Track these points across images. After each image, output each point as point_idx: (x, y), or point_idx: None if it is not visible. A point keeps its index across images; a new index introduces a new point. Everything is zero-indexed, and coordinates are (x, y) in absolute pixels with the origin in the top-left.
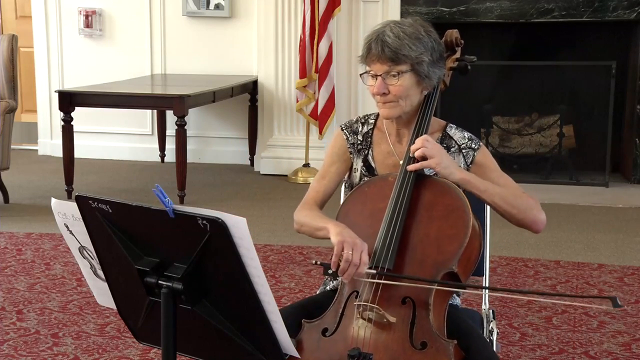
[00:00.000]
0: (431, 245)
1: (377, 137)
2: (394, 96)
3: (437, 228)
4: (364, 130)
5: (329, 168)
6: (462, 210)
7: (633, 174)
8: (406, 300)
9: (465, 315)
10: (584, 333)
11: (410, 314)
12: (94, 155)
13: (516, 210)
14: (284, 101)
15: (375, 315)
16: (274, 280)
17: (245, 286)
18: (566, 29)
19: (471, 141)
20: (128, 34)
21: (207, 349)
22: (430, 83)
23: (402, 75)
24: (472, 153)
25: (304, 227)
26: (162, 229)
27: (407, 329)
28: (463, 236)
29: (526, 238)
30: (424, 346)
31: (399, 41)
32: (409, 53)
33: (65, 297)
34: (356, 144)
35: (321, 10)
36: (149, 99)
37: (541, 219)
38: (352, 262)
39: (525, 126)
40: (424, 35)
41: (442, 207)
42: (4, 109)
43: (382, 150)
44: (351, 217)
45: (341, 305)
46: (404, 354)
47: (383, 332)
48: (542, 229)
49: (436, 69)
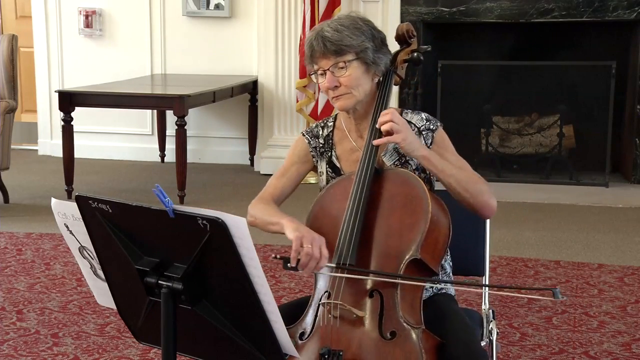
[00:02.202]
0: (394, 236)
1: (337, 137)
2: (346, 87)
3: (398, 218)
4: (324, 133)
5: (289, 167)
6: (419, 198)
7: (633, 174)
8: (374, 293)
9: (456, 303)
10: (584, 333)
11: (378, 306)
12: (94, 155)
13: (468, 194)
14: (284, 101)
15: (342, 311)
16: (274, 280)
17: (245, 286)
18: (566, 29)
19: (429, 122)
20: (128, 34)
21: (207, 349)
22: (379, 69)
23: (349, 65)
24: (431, 134)
25: (257, 220)
26: (162, 229)
27: (376, 321)
28: (423, 222)
29: (526, 238)
30: (393, 335)
31: (338, 34)
32: (350, 42)
33: (65, 297)
34: (318, 147)
35: (321, 10)
36: (149, 99)
37: (491, 205)
38: (312, 255)
39: (525, 126)
40: (361, 25)
41: (402, 197)
42: (4, 109)
43: (345, 148)
44: (319, 219)
45: (315, 307)
46: (375, 346)
47: (353, 328)
48: (492, 215)
49: (381, 54)
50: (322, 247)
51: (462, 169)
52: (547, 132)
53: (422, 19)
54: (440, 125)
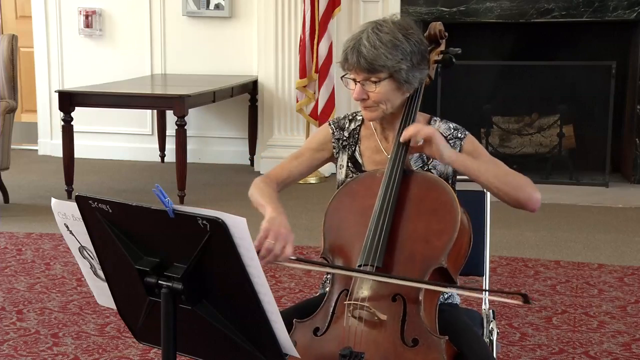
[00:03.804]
0: (420, 241)
1: (364, 133)
2: (373, 102)
3: (426, 223)
4: (351, 127)
5: (304, 152)
6: (450, 205)
7: (633, 174)
8: (396, 298)
9: (463, 314)
10: (584, 333)
11: (401, 311)
12: (94, 155)
13: (511, 188)
14: (284, 101)
15: (366, 313)
16: (274, 280)
17: (245, 286)
18: (566, 29)
19: (457, 131)
20: (128, 34)
21: (207, 349)
22: (411, 87)
23: (380, 82)
24: (459, 142)
25: (252, 196)
26: (162, 229)
27: (398, 326)
28: (452, 231)
29: (526, 238)
30: (415, 343)
31: (374, 51)
32: (385, 63)
33: (65, 297)
34: (342, 139)
35: (321, 10)
36: (149, 99)
37: (536, 197)
38: (273, 251)
39: (525, 126)
40: (402, 40)
41: (430, 201)
42: (4, 109)
43: (370, 145)
44: (340, 214)
45: (332, 304)
46: (395, 351)
47: (374, 330)
48: (538, 207)
49: (416, 73)
50: (287, 245)
51: (499, 166)
52: (547, 132)
53: (422, 19)
54: (469, 133)
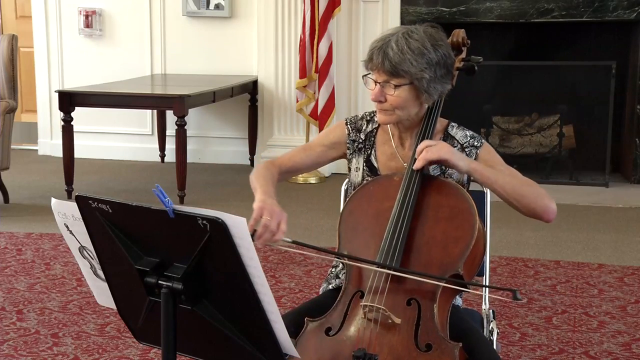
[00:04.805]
0: (437, 247)
1: (380, 138)
2: (390, 105)
3: (443, 230)
4: (368, 128)
5: (315, 146)
6: (468, 212)
7: (633, 174)
8: (411, 302)
9: (466, 316)
10: (584, 333)
11: (415, 316)
12: (94, 155)
13: (527, 199)
14: (284, 101)
15: (381, 316)
16: (274, 280)
17: (245, 286)
18: (566, 29)
19: (473, 139)
20: (128, 34)
21: (207, 349)
22: (430, 98)
23: (400, 87)
24: (475, 151)
25: (251, 179)
26: (162, 229)
27: (412, 331)
28: (469, 238)
29: (526, 238)
30: (429, 348)
31: (401, 55)
32: (409, 69)
33: (65, 297)
34: (357, 141)
35: (321, 11)
36: (149, 99)
37: (552, 208)
38: (269, 227)
39: (525, 126)
40: (429, 50)
41: (448, 208)
42: (4, 109)
43: (386, 151)
44: (356, 216)
45: (345, 304)
46: (409, 355)
47: (388, 333)
48: (553, 218)
49: (438, 85)
50: (282, 222)
51: (515, 177)
52: (547, 132)
53: (422, 19)
54: (485, 141)
